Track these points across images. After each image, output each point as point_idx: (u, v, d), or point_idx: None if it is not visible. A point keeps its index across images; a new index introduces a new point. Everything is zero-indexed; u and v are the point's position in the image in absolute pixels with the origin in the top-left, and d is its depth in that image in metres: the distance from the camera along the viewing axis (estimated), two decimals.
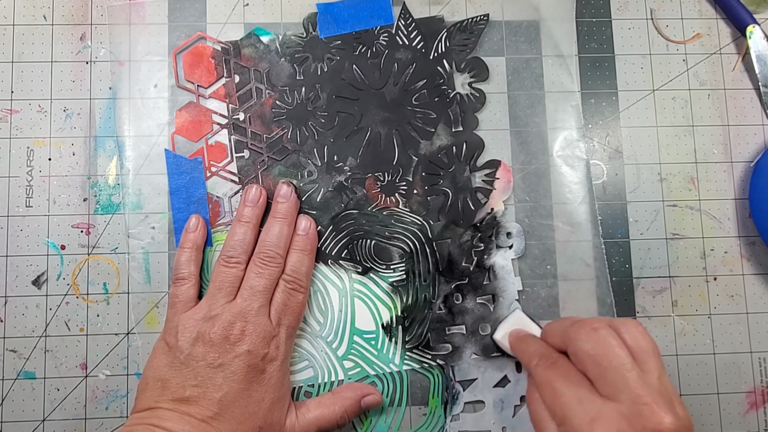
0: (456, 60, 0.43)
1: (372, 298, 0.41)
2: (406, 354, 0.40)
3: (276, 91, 0.42)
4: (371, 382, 0.40)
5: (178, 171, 0.41)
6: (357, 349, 0.40)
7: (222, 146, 0.42)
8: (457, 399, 0.40)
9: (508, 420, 0.40)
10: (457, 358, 0.40)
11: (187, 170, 0.41)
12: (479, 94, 0.43)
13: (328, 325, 0.40)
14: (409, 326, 0.40)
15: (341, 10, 0.43)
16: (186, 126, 0.42)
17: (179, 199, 0.41)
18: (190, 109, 0.42)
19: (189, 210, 0.41)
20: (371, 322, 0.41)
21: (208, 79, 0.42)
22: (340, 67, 0.42)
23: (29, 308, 0.40)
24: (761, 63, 0.43)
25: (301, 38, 0.43)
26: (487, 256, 0.41)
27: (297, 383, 0.40)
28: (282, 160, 0.42)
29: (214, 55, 0.42)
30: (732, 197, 0.43)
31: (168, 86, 0.42)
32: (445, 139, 0.42)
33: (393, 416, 0.40)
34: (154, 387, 0.35)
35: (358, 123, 0.42)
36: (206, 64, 0.42)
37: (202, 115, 0.42)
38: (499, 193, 0.42)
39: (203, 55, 0.42)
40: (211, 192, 0.41)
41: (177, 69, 0.42)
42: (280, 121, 0.42)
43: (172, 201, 0.41)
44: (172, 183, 0.41)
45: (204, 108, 0.42)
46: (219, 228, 0.41)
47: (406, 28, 0.43)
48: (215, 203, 0.41)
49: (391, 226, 0.41)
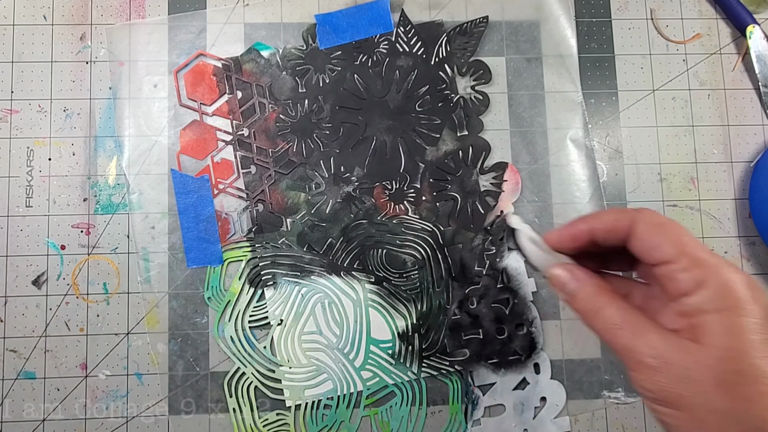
0: (457, 64, 0.43)
1: (387, 307, 0.41)
2: (424, 361, 0.40)
3: (279, 104, 0.42)
4: (390, 391, 0.40)
5: (185, 190, 0.41)
6: (374, 359, 0.40)
7: (228, 163, 0.42)
8: (477, 404, 0.40)
9: (529, 422, 0.40)
10: (474, 364, 0.40)
11: (195, 189, 0.41)
12: (483, 97, 0.43)
13: (344, 337, 0.40)
14: (425, 333, 0.40)
15: (340, 20, 0.43)
16: (191, 145, 0.42)
17: (188, 218, 0.41)
18: (194, 128, 0.42)
19: (198, 228, 0.41)
20: (387, 331, 0.40)
21: (211, 97, 0.42)
22: (342, 77, 0.42)
23: (29, 308, 0.40)
24: (761, 63, 0.43)
25: (301, 50, 0.42)
26: (499, 259, 0.41)
27: (317, 396, 0.40)
28: (289, 173, 0.41)
29: (215, 73, 0.42)
30: (732, 197, 0.43)
31: (168, 86, 0.42)
32: (450, 144, 0.42)
33: (414, 424, 0.40)
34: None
35: (363, 132, 0.42)
36: (208, 81, 0.42)
37: (207, 133, 0.42)
38: (507, 195, 0.42)
39: (204, 72, 0.42)
40: (219, 209, 0.41)
41: (179, 88, 0.42)
42: (285, 135, 0.42)
43: (181, 220, 0.41)
44: (180, 203, 0.41)
45: (208, 126, 0.42)
46: (229, 246, 0.41)
47: (406, 35, 0.43)
48: (224, 220, 0.41)
49: (402, 234, 0.41)
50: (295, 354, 0.40)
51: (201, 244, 0.41)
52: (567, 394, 0.40)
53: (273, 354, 0.40)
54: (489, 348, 0.40)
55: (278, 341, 0.40)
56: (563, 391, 0.40)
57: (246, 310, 0.40)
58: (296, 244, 0.41)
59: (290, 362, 0.40)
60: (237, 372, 0.40)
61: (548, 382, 0.40)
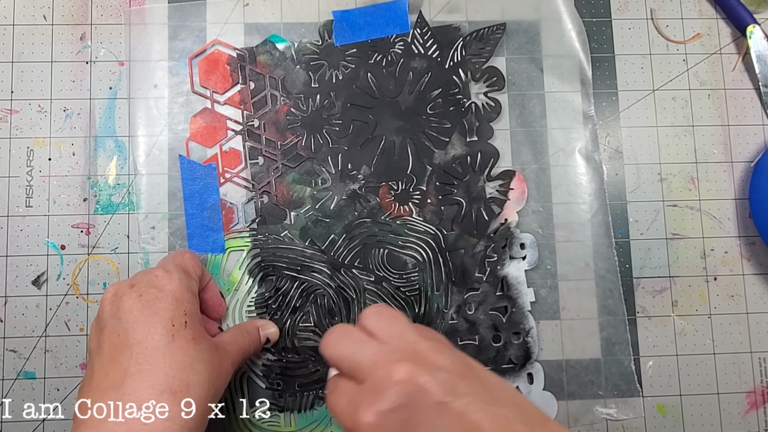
0: (471, 69, 0.43)
1: None
2: None
3: (291, 98, 0.42)
4: None
5: (192, 177, 0.41)
6: None
7: (236, 152, 0.42)
8: None
9: None
10: None
11: (201, 176, 0.41)
12: (495, 104, 0.42)
13: None
14: None
15: (357, 18, 0.43)
16: (200, 132, 0.42)
17: (193, 205, 0.41)
18: (204, 115, 0.42)
19: (202, 216, 0.41)
20: None
21: (223, 86, 0.42)
22: (356, 75, 0.42)
23: (29, 308, 0.40)
24: (761, 63, 0.43)
25: (316, 46, 0.42)
26: (500, 266, 0.41)
27: (313, 394, 0.40)
28: (296, 167, 0.41)
29: (229, 62, 0.42)
30: (732, 197, 0.43)
31: (168, 86, 0.42)
32: (459, 148, 0.42)
33: None
34: None
35: (373, 131, 0.42)
36: (221, 70, 0.42)
37: (217, 122, 0.42)
38: (513, 204, 0.42)
39: (219, 61, 0.42)
40: (224, 198, 0.41)
41: (192, 75, 0.42)
42: (295, 129, 0.42)
43: (185, 206, 0.41)
44: (186, 189, 0.41)
45: (219, 114, 0.42)
46: (232, 235, 0.41)
47: (422, 37, 0.43)
48: (228, 209, 0.41)
49: (405, 235, 0.41)
50: (291, 347, 0.40)
51: (204, 231, 0.41)
52: (559, 405, 0.40)
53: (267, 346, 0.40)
54: (484, 354, 0.40)
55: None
56: (555, 402, 0.40)
57: (244, 300, 0.40)
58: (299, 238, 0.41)
59: (285, 355, 0.40)
60: None
61: (540, 393, 0.40)
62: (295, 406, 0.39)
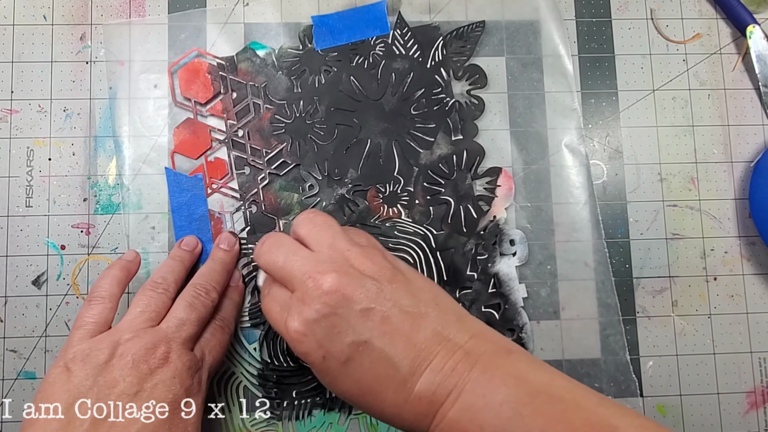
0: (453, 68, 0.43)
1: None
2: None
3: (274, 105, 0.42)
4: None
5: (179, 189, 0.41)
6: None
7: (222, 162, 0.41)
8: None
9: None
10: None
11: (188, 188, 0.41)
12: (478, 102, 0.43)
13: None
14: None
15: (336, 22, 0.43)
16: (185, 143, 0.41)
17: (181, 217, 0.41)
18: (188, 126, 0.42)
19: (191, 228, 0.41)
20: None
21: (205, 95, 0.42)
22: (338, 78, 0.42)
23: (29, 308, 0.40)
24: (761, 63, 0.43)
25: (297, 51, 0.42)
26: (491, 264, 0.41)
27: (310, 401, 0.40)
28: (283, 174, 0.41)
29: (210, 71, 0.42)
30: (732, 197, 0.43)
31: (168, 87, 0.42)
32: (445, 148, 0.42)
33: None
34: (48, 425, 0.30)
35: (358, 134, 0.42)
36: (202, 79, 0.42)
37: (201, 132, 0.42)
38: (501, 201, 0.42)
39: (199, 71, 0.42)
40: (212, 209, 0.41)
41: (173, 86, 0.42)
42: (280, 135, 0.42)
43: (174, 219, 0.41)
44: (174, 201, 0.41)
45: (202, 124, 0.42)
46: None
47: (402, 38, 0.43)
48: (217, 220, 0.41)
49: (395, 237, 0.41)
50: (284, 355, 0.40)
51: None
52: None
53: (262, 354, 0.40)
54: None
55: (268, 342, 0.40)
56: None
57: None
58: None
59: (279, 363, 0.40)
60: (227, 372, 0.40)
61: None
62: (293, 414, 0.39)
